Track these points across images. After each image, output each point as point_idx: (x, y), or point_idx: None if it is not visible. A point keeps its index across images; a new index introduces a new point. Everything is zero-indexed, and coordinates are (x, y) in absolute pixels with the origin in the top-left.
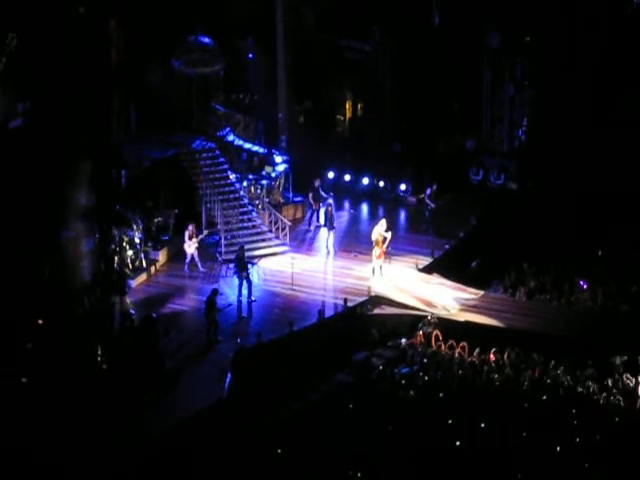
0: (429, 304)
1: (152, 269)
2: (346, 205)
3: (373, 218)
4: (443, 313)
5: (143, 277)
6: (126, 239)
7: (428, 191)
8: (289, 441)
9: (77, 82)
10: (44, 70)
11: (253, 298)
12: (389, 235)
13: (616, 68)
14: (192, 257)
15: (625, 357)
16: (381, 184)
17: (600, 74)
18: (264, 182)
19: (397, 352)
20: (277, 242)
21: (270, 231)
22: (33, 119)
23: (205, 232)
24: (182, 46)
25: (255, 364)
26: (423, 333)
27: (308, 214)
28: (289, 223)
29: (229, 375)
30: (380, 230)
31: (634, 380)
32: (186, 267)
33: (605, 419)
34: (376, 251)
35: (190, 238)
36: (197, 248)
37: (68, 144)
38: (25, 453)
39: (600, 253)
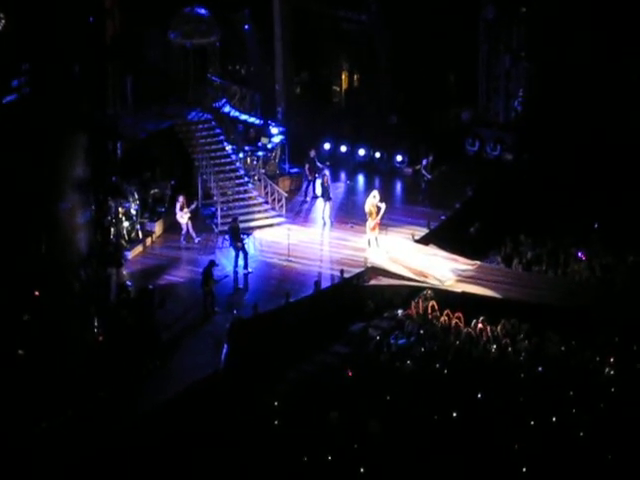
0: (425, 275)
1: (148, 241)
2: (342, 176)
3: (369, 189)
4: (439, 284)
5: (139, 249)
6: (122, 211)
7: (424, 162)
8: (286, 412)
9: (72, 55)
10: (39, 44)
11: (249, 269)
12: (383, 206)
13: (613, 37)
14: (187, 228)
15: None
16: (377, 155)
17: (597, 44)
18: (260, 153)
19: (394, 323)
20: (273, 213)
21: (266, 202)
22: (28, 93)
23: (195, 203)
24: (178, 17)
25: (251, 335)
26: (420, 304)
27: (304, 185)
28: (285, 194)
29: (225, 346)
30: (373, 201)
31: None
32: (182, 239)
33: (600, 389)
34: (370, 223)
35: (181, 209)
36: (190, 219)
37: (63, 117)
38: (22, 425)
39: (596, 226)
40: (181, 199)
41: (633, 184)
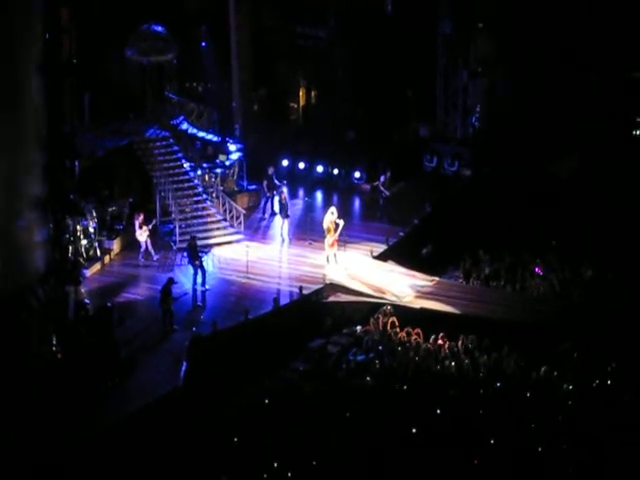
0: (384, 291)
1: (106, 258)
2: (300, 193)
3: (327, 206)
4: (398, 300)
5: (97, 266)
6: (80, 228)
7: (382, 178)
8: (245, 429)
9: (29, 72)
10: None
11: (207, 287)
12: (341, 222)
13: (569, 52)
14: (146, 246)
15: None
16: (335, 172)
17: (553, 59)
18: (218, 170)
19: (352, 339)
20: (232, 230)
21: (225, 219)
22: None
23: (154, 220)
24: (135, 35)
25: (211, 353)
26: (379, 320)
27: (262, 202)
28: (243, 211)
29: (185, 364)
30: (331, 218)
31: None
32: (141, 256)
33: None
34: (328, 239)
35: (140, 227)
36: (149, 236)
37: (21, 134)
38: None
39: (554, 243)
40: (140, 217)
41: (590, 199)
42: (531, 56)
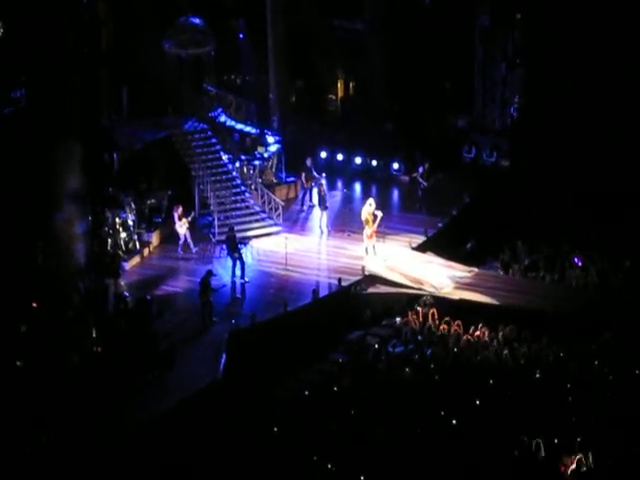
0: (423, 283)
1: (145, 251)
2: (339, 184)
3: (366, 197)
4: (437, 291)
5: (137, 259)
6: (119, 221)
7: (420, 170)
8: (285, 420)
9: (68, 66)
10: (35, 55)
11: (246, 279)
12: (380, 214)
13: (608, 41)
14: (185, 238)
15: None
16: (374, 163)
17: (593, 50)
18: (257, 162)
19: (392, 331)
20: (270, 222)
21: (263, 211)
22: (25, 104)
23: (193, 213)
24: (173, 27)
25: (250, 344)
26: (418, 311)
27: (301, 194)
28: (282, 203)
29: (224, 356)
30: (369, 209)
31: None
32: (180, 249)
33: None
34: (367, 231)
35: (179, 219)
36: (188, 229)
37: (60, 128)
38: (22, 437)
39: (593, 231)
40: (179, 209)
41: (630, 189)
42: (571, 45)
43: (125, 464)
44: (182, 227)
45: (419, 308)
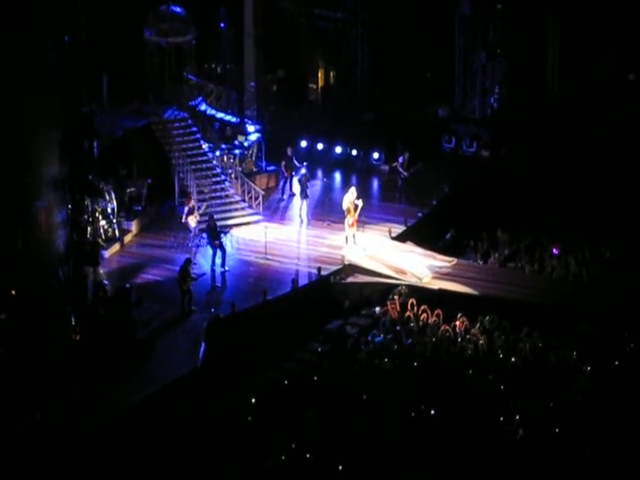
0: (402, 272)
1: (125, 239)
2: (319, 174)
3: (346, 187)
4: (416, 281)
5: (116, 247)
6: (99, 209)
7: (401, 159)
8: (262, 409)
9: (47, 52)
10: (11, 41)
11: (226, 267)
12: (360, 203)
13: (586, 34)
14: (195, 231)
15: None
16: (354, 153)
17: (570, 40)
18: (237, 151)
19: (371, 320)
20: (250, 211)
21: (243, 200)
22: (3, 91)
23: (203, 205)
24: (154, 15)
25: (229, 333)
26: (397, 301)
27: (281, 183)
28: (262, 192)
29: (203, 344)
30: (351, 198)
31: None
32: (190, 240)
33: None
34: (348, 220)
35: (191, 212)
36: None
37: (39, 115)
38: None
39: (572, 221)
40: (190, 202)
41: (609, 179)
42: (549, 36)
43: (104, 452)
44: (193, 220)
45: (395, 297)
